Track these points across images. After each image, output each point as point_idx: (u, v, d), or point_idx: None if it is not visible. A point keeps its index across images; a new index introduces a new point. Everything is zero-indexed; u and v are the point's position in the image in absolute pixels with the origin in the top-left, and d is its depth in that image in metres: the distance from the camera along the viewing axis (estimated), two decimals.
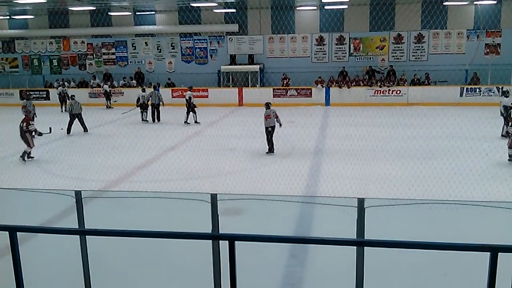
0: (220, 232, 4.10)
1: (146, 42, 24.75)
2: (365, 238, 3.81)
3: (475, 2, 20.65)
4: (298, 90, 21.74)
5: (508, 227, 6.39)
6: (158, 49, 24.72)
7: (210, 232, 4.03)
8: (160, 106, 18.13)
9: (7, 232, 2.63)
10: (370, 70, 22.25)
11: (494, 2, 20.56)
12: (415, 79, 21.39)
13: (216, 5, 21.44)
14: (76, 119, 15.71)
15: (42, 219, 7.14)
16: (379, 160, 11.02)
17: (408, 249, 2.37)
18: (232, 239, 2.45)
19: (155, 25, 24.43)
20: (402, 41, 22.55)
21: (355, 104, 20.07)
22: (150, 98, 18.19)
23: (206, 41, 24.23)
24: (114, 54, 25.19)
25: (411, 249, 2.38)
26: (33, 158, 12.15)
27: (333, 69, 22.60)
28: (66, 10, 24.01)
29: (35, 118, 14.27)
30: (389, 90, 21.05)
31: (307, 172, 10.52)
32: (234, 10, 22.72)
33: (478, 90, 20.38)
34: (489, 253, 2.26)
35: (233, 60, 23.73)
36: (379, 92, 21.10)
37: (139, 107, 18.34)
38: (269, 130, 12.22)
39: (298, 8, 22.98)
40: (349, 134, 12.98)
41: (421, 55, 22.51)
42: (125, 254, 5.86)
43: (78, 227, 4.37)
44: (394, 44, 22.65)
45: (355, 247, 3.74)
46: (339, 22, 22.54)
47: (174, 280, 5.61)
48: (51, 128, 12.61)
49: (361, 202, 3.85)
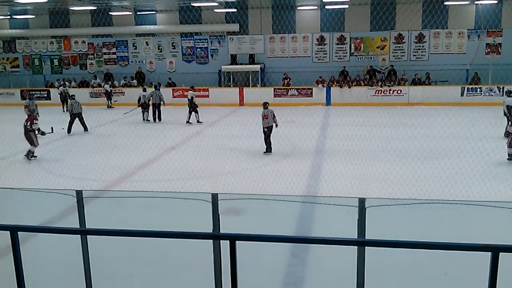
0: (221, 231, 4.10)
1: (147, 42, 24.77)
2: (366, 238, 3.82)
3: (476, 2, 20.62)
4: (299, 90, 21.74)
5: (509, 227, 6.39)
6: (159, 48, 24.73)
7: (211, 231, 4.02)
8: (161, 106, 18.17)
9: (8, 231, 2.64)
10: (371, 70, 22.24)
11: (495, 1, 20.54)
12: (416, 79, 21.38)
13: (217, 4, 21.46)
14: (76, 119, 15.76)
15: (43, 219, 7.14)
16: (380, 160, 11.02)
17: (409, 248, 2.37)
18: (233, 239, 2.45)
19: (156, 24, 24.45)
20: (403, 40, 22.53)
21: (356, 104, 20.06)
22: (151, 98, 18.22)
23: (207, 40, 24.24)
24: (115, 53, 25.22)
25: (412, 248, 2.39)
26: (36, 157, 12.19)
27: (334, 68, 22.61)
28: (67, 10, 24.04)
29: (38, 118, 14.27)
30: (390, 90, 21.03)
31: (308, 172, 10.52)
32: (235, 10, 22.72)
33: (479, 90, 20.35)
34: (490, 253, 2.26)
35: (234, 60, 23.74)
36: (380, 92, 21.09)
37: (141, 107, 18.37)
38: (265, 130, 12.24)
39: (299, 7, 22.98)
40: (350, 134, 12.94)
41: (422, 55, 22.50)
42: (126, 253, 5.86)
43: (79, 227, 4.37)
44: (395, 43, 22.63)
45: (356, 247, 3.75)
46: (340, 21, 22.51)
47: (175, 280, 5.61)
48: (53, 128, 12.62)
49: (362, 202, 3.85)
